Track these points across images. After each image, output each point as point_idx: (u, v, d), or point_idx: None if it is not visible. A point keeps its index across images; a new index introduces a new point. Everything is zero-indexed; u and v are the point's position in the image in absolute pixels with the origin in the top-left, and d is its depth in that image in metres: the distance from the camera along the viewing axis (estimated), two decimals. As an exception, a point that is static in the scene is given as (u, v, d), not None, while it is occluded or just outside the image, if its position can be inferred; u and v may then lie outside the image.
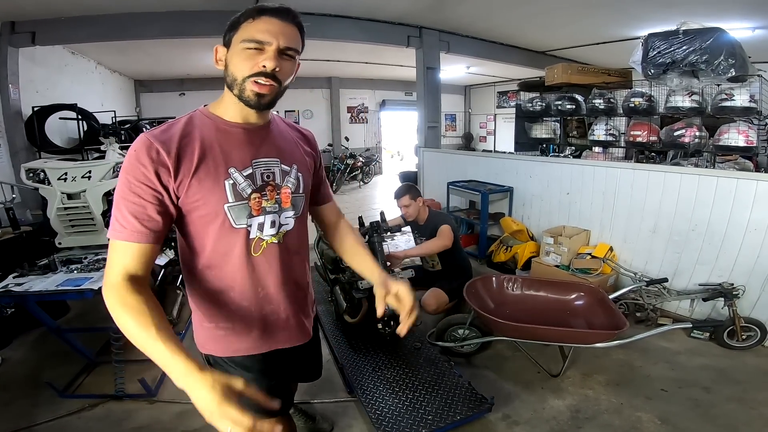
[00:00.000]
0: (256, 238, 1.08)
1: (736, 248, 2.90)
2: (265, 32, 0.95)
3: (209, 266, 1.09)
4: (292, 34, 1.00)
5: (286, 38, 0.98)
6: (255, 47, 0.96)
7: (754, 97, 3.32)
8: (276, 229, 1.11)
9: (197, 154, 0.99)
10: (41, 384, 2.42)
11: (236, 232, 1.05)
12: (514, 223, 4.37)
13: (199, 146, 1.00)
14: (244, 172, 1.04)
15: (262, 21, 0.96)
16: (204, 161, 0.99)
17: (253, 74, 0.97)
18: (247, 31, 0.96)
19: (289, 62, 1.01)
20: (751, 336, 2.74)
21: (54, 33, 4.83)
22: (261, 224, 1.08)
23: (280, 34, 0.96)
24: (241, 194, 1.03)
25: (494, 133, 12.88)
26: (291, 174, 1.13)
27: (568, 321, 2.57)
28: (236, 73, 0.99)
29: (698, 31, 3.34)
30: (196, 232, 1.05)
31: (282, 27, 0.97)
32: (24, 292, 2.12)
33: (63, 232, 2.80)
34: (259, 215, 1.07)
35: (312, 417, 2.15)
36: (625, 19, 5.52)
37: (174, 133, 0.99)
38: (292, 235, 1.16)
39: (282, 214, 1.12)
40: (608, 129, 4.39)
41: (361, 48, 6.87)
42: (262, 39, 0.95)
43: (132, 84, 9.22)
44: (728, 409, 2.20)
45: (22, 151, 4.76)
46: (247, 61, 0.97)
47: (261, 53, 0.96)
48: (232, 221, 1.03)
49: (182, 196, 0.99)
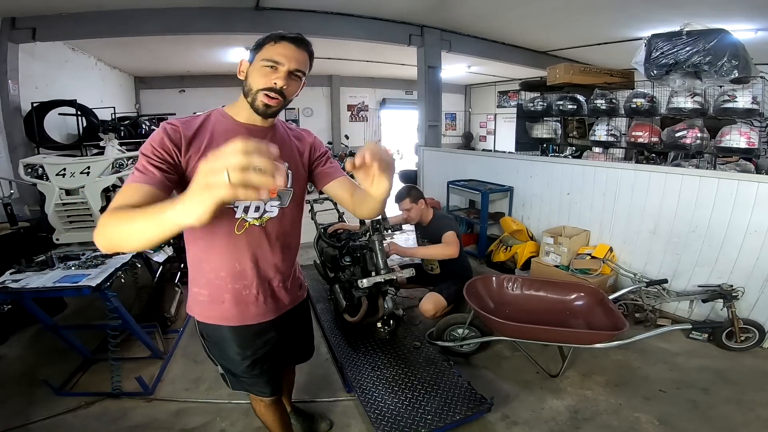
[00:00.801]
0: (240, 218, 1.25)
1: (736, 250, 2.89)
2: (281, 55, 1.16)
3: (199, 236, 1.27)
4: (302, 59, 1.20)
5: (296, 62, 1.18)
6: (271, 65, 1.16)
7: (756, 99, 3.31)
8: (259, 213, 1.28)
9: (206, 140, 1.19)
10: (37, 381, 2.41)
11: (224, 210, 1.20)
12: (513, 223, 4.36)
13: (209, 136, 1.20)
14: None
15: (281, 46, 1.17)
16: (210, 147, 1.17)
17: (266, 88, 1.17)
18: (268, 52, 1.17)
19: (296, 82, 1.22)
20: (749, 337, 2.73)
21: (54, 29, 4.82)
22: (246, 207, 1.26)
23: (293, 58, 1.17)
24: None
25: (494, 133, 12.87)
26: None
27: (567, 321, 2.56)
28: (253, 85, 1.19)
29: (702, 33, 3.34)
30: None
31: (295, 53, 1.17)
32: (21, 289, 2.09)
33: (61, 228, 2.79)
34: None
35: (310, 416, 2.15)
36: (628, 20, 5.51)
37: (194, 123, 1.21)
38: (275, 222, 1.32)
39: (267, 203, 1.29)
40: (609, 129, 4.38)
41: (363, 46, 6.86)
42: (278, 60, 1.16)
43: (132, 80, 9.21)
44: (726, 411, 2.20)
45: (21, 147, 4.75)
46: (263, 77, 1.17)
47: (275, 72, 1.16)
48: None
49: (187, 170, 1.15)
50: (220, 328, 1.36)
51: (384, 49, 7.13)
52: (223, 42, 6.32)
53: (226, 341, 1.38)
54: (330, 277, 3.03)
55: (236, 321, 1.34)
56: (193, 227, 0.80)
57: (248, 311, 1.35)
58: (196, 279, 1.34)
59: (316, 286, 3.68)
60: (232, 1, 4.91)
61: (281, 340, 1.47)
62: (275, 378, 1.51)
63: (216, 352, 1.43)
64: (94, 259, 2.45)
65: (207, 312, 1.35)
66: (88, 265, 2.38)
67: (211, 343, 1.42)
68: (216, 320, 1.35)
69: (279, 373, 1.56)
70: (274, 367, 1.49)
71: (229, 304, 1.32)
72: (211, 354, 1.45)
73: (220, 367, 1.47)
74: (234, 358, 1.40)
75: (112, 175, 2.90)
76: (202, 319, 1.37)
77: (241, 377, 1.44)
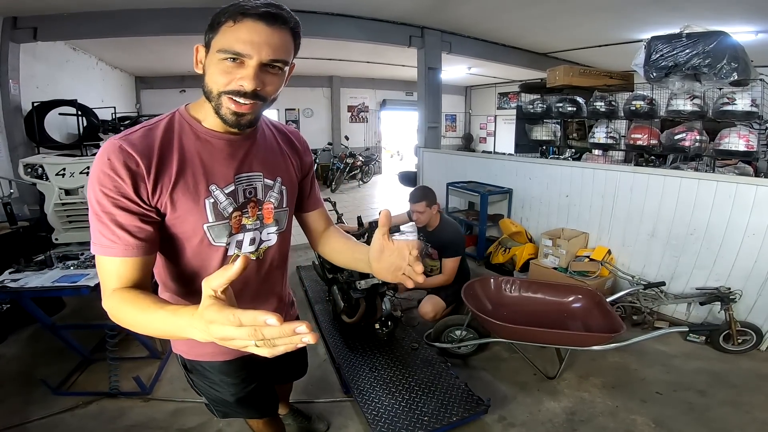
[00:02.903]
0: (233, 255, 1.01)
1: (734, 253, 2.89)
2: (245, 43, 0.80)
3: (182, 279, 1.04)
4: (280, 42, 0.83)
5: (271, 49, 0.82)
6: (233, 58, 0.82)
7: (755, 102, 3.31)
8: (256, 246, 1.07)
9: (176, 167, 0.89)
10: (35, 381, 2.41)
11: (214, 249, 0.99)
12: (512, 225, 4.37)
13: (177, 158, 0.90)
14: (225, 190, 0.96)
15: (244, 27, 0.80)
16: (183, 176, 0.90)
17: (230, 91, 0.84)
18: (225, 39, 0.81)
19: (276, 75, 0.87)
20: (747, 340, 2.74)
21: (56, 29, 4.82)
22: (240, 242, 1.03)
23: (264, 44, 0.81)
24: (222, 213, 0.97)
25: (494, 135, 12.87)
26: (274, 188, 1.07)
27: (565, 323, 2.57)
28: (211, 86, 0.86)
29: (701, 35, 3.33)
30: (171, 246, 0.98)
31: (268, 35, 0.81)
32: (19, 288, 2.10)
33: (60, 227, 2.79)
34: (239, 233, 1.02)
35: (308, 417, 2.14)
36: (629, 23, 5.52)
37: (152, 140, 0.89)
38: (274, 250, 1.12)
39: (264, 230, 1.07)
40: (609, 132, 4.38)
41: (363, 47, 6.86)
42: (241, 51, 0.80)
43: (132, 80, 9.21)
44: (723, 413, 2.20)
45: (21, 147, 4.75)
46: (223, 75, 0.83)
47: (240, 67, 0.82)
48: (211, 240, 0.98)
49: (161, 209, 0.90)
50: (209, 364, 1.20)
51: (384, 50, 7.13)
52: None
53: (213, 377, 1.22)
54: (328, 278, 3.04)
55: (230, 355, 1.16)
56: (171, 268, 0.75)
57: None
58: None
59: (314, 287, 3.69)
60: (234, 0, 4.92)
61: (273, 364, 1.26)
62: (268, 401, 1.40)
63: (202, 386, 1.27)
64: (93, 259, 2.45)
65: (196, 350, 1.18)
66: (86, 264, 2.39)
67: (197, 376, 1.25)
68: (207, 357, 1.18)
69: (273, 393, 1.44)
70: (266, 393, 1.38)
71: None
72: (195, 387, 1.29)
73: (205, 399, 1.31)
74: (224, 396, 1.26)
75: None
76: (191, 357, 1.19)
77: (231, 409, 1.31)
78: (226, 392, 1.24)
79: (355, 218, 3.42)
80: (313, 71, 10.17)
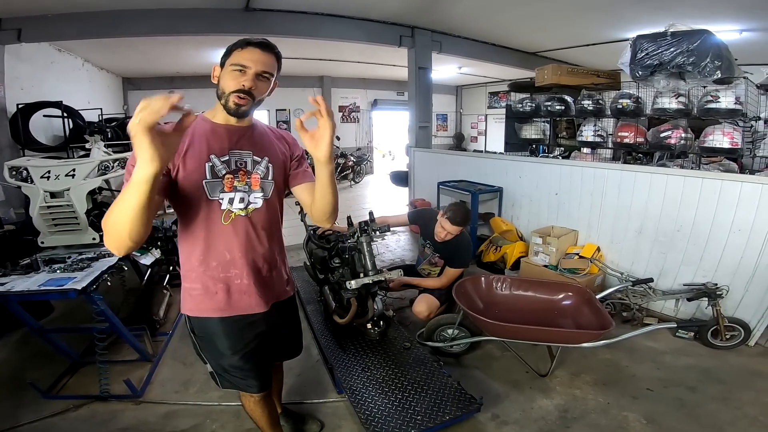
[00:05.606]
0: (226, 209, 1.34)
1: (720, 249, 2.94)
2: (248, 60, 1.27)
3: (189, 230, 1.35)
4: (269, 61, 1.31)
5: (263, 65, 1.29)
6: (239, 69, 1.27)
7: (739, 99, 3.36)
8: (244, 204, 1.38)
9: (188, 142, 1.29)
10: (24, 385, 2.38)
11: (211, 202, 1.32)
12: (503, 223, 4.39)
13: (189, 138, 1.30)
14: (221, 159, 1.33)
15: (248, 51, 1.28)
16: (191, 147, 1.30)
17: (236, 90, 1.28)
18: (236, 57, 1.28)
19: (265, 83, 1.32)
20: (734, 335, 2.78)
21: (41, 30, 4.75)
22: (231, 199, 1.35)
23: (259, 61, 1.28)
24: (217, 174, 1.32)
25: (485, 134, 12.94)
26: (261, 164, 1.41)
27: (555, 321, 2.59)
28: (225, 88, 1.30)
29: (686, 33, 3.37)
30: (181, 201, 1.31)
31: (261, 56, 1.29)
32: (6, 292, 2.07)
33: (46, 231, 2.75)
34: (231, 191, 1.35)
35: (301, 417, 2.14)
36: (616, 22, 5.58)
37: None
38: (260, 212, 1.41)
39: (251, 194, 1.39)
40: (596, 130, 4.43)
41: (354, 47, 6.86)
42: (245, 64, 1.27)
43: (120, 81, 9.12)
44: (713, 409, 2.23)
45: (6, 149, 4.68)
46: (233, 80, 1.28)
47: (243, 75, 1.27)
48: (208, 194, 1.31)
49: (173, 171, 1.27)
50: (212, 322, 1.42)
51: (375, 50, 7.14)
52: (213, 43, 6.27)
53: (217, 335, 1.44)
54: (320, 278, 3.03)
55: (229, 311, 1.41)
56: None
57: (240, 301, 1.42)
58: (188, 275, 1.41)
59: (306, 288, 3.67)
60: (222, 2, 4.89)
61: (270, 334, 1.53)
62: (265, 373, 1.57)
63: (207, 348, 1.48)
64: (80, 262, 2.43)
65: (200, 305, 1.41)
66: (73, 268, 2.35)
67: (203, 339, 1.47)
68: (209, 312, 1.41)
69: (269, 368, 1.62)
70: (263, 362, 1.55)
71: (222, 294, 1.39)
72: (202, 351, 1.50)
73: (210, 365, 1.52)
74: (225, 352, 1.45)
75: (98, 177, 2.85)
76: (196, 313, 1.42)
77: (232, 373, 1.50)
78: (228, 355, 1.46)
79: (345, 218, 3.41)
80: (303, 71, 10.15)
